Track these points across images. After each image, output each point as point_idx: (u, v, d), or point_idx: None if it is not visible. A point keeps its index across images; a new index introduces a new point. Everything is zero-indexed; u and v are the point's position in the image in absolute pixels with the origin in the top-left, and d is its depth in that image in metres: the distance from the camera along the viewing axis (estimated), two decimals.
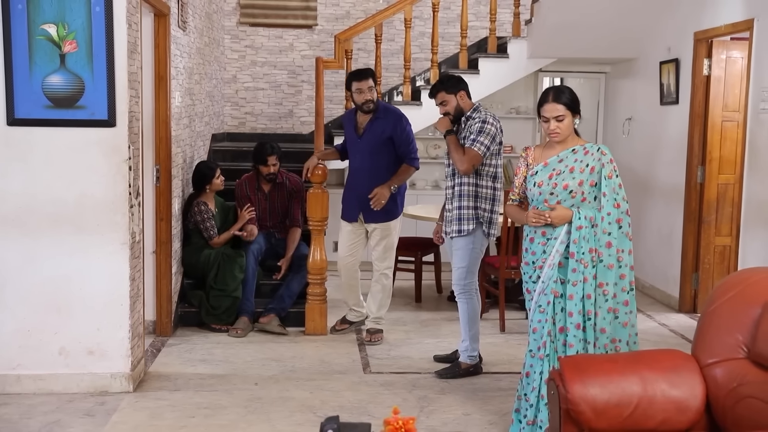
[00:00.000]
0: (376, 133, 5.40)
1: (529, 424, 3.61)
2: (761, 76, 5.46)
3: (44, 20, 4.22)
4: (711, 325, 2.91)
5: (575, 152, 3.64)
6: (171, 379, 4.69)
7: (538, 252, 3.67)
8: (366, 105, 5.37)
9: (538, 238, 3.66)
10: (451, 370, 4.84)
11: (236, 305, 5.72)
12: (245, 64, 8.52)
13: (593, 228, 3.53)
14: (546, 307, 3.59)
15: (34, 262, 4.35)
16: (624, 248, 3.56)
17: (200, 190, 5.94)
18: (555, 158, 3.64)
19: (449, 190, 4.82)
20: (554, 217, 3.55)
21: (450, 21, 8.56)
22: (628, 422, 2.76)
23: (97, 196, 4.34)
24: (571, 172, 3.59)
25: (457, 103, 4.80)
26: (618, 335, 3.58)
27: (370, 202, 5.36)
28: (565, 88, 3.79)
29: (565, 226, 3.56)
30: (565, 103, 3.62)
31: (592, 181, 3.58)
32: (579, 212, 3.54)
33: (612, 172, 3.57)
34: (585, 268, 3.53)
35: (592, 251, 3.53)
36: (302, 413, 4.21)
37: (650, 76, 7.14)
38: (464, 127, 4.79)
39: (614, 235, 3.54)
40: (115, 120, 4.30)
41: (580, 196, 3.58)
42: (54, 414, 4.11)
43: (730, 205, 6.41)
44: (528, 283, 3.73)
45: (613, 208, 3.55)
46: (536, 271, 3.67)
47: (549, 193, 3.61)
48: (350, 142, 5.58)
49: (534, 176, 3.67)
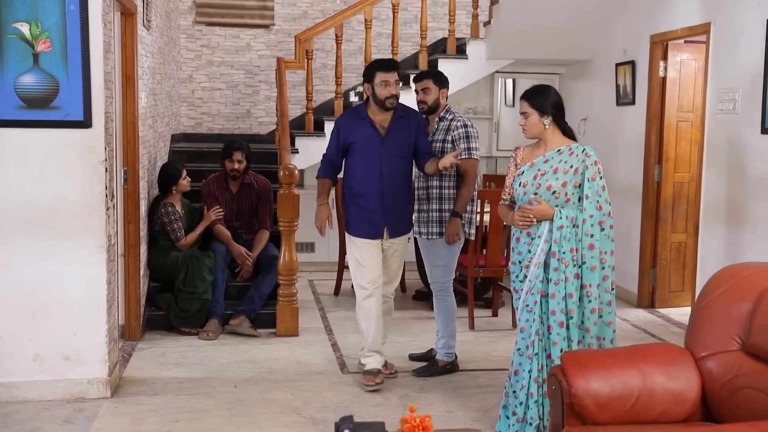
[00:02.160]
0: (404, 132, 4.68)
1: (519, 421, 3.67)
2: (718, 78, 5.66)
3: (16, 18, 4.11)
4: (704, 318, 3.02)
5: (561, 153, 3.69)
6: (147, 383, 4.62)
7: (524, 251, 3.73)
8: (390, 101, 4.60)
9: (524, 238, 3.73)
10: (429, 368, 4.88)
11: (206, 308, 5.67)
12: (201, 64, 8.43)
13: (574, 228, 3.59)
14: (533, 306, 3.65)
15: (6, 267, 4.23)
16: (606, 250, 3.63)
17: (166, 191, 5.86)
18: (541, 158, 3.71)
19: (422, 191, 4.84)
20: (536, 211, 3.62)
21: (407, 22, 8.62)
22: (630, 414, 2.85)
23: (72, 199, 4.25)
24: (554, 173, 3.65)
25: (438, 98, 4.88)
26: (603, 333, 3.67)
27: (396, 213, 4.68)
28: (541, 87, 3.84)
29: (546, 225, 3.62)
30: (530, 101, 3.71)
31: (576, 182, 3.63)
32: (560, 212, 3.60)
33: (596, 174, 3.62)
34: (566, 267, 3.60)
35: (573, 251, 3.59)
36: (287, 414, 4.20)
37: (606, 78, 7.31)
38: (437, 127, 4.85)
39: (597, 237, 3.60)
40: (91, 121, 4.22)
41: (564, 197, 3.63)
42: (32, 422, 4.02)
43: (685, 202, 6.62)
44: (515, 282, 3.79)
45: (596, 210, 3.61)
46: (523, 270, 3.73)
47: (533, 194, 3.66)
48: (366, 145, 4.65)
49: (520, 176, 3.74)
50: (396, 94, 4.60)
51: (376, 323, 4.69)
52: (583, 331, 3.64)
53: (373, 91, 4.62)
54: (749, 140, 5.32)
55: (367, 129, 4.64)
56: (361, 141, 4.65)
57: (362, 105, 4.74)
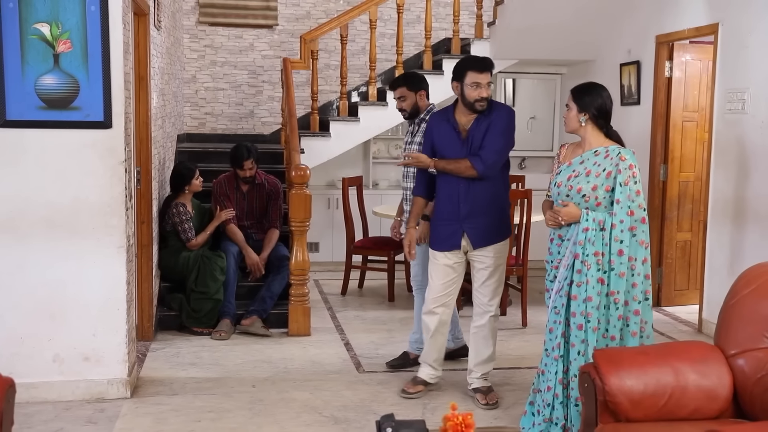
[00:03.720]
0: (481, 132, 4.26)
1: (545, 421, 3.70)
2: (727, 78, 5.71)
3: (37, 19, 4.10)
4: (734, 316, 3.05)
5: (597, 154, 3.63)
6: (165, 383, 4.63)
7: (554, 252, 3.74)
8: (480, 103, 4.21)
9: (556, 239, 3.73)
10: (400, 360, 5.01)
11: (218, 308, 5.67)
12: (205, 64, 8.42)
13: (601, 231, 3.52)
14: (560, 308, 3.65)
15: (26, 268, 4.23)
16: (637, 256, 3.54)
17: (179, 191, 5.86)
18: (578, 159, 3.68)
19: (409, 191, 4.84)
20: (563, 213, 3.61)
21: (409, 22, 8.63)
22: (663, 411, 2.88)
23: (92, 199, 4.25)
24: (587, 176, 3.60)
25: (415, 101, 4.91)
26: (628, 344, 3.57)
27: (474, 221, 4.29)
28: (590, 85, 3.76)
29: (575, 227, 3.60)
30: (574, 95, 3.71)
31: (608, 186, 3.56)
32: (587, 214, 3.56)
33: (629, 178, 3.53)
34: (588, 270, 3.54)
35: (598, 254, 3.52)
36: (308, 414, 4.22)
37: (609, 78, 7.34)
38: (419, 128, 4.86)
39: (626, 242, 3.51)
40: (111, 121, 4.22)
41: (594, 201, 3.57)
42: (54, 422, 4.02)
43: (690, 201, 6.68)
44: (547, 282, 3.81)
45: (627, 216, 3.51)
46: (553, 270, 3.75)
47: (565, 195, 3.64)
48: (446, 148, 4.32)
49: (558, 175, 3.72)
50: (487, 97, 4.22)
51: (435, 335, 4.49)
52: (607, 339, 3.57)
53: (462, 92, 4.24)
54: (758, 140, 5.38)
55: (449, 131, 4.32)
56: (443, 144, 4.34)
57: (452, 105, 4.39)
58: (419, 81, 4.95)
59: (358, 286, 7.24)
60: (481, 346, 4.44)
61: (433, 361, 4.56)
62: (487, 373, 4.49)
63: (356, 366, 5.03)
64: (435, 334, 4.48)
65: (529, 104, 8.84)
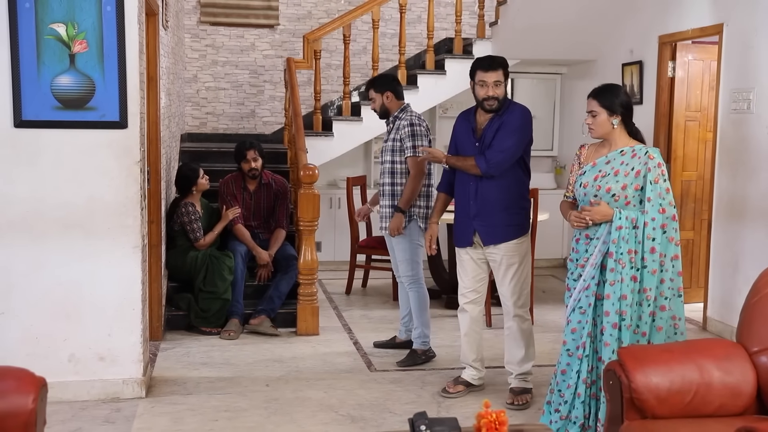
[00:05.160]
0: (492, 131, 4.30)
1: (562, 419, 3.72)
2: (732, 78, 5.77)
3: (53, 19, 4.10)
4: (756, 314, 3.09)
5: (623, 154, 3.65)
6: (179, 383, 4.64)
7: (581, 251, 3.73)
8: (488, 102, 4.24)
9: (583, 239, 3.72)
10: (410, 358, 5.04)
11: (226, 307, 5.68)
12: (206, 64, 8.41)
13: (634, 230, 3.53)
14: (587, 308, 3.66)
15: (42, 268, 4.23)
16: (667, 253, 3.56)
17: (186, 192, 5.86)
18: (603, 159, 3.69)
19: (387, 187, 5.04)
20: (594, 212, 3.59)
21: (410, 22, 8.64)
22: (688, 408, 2.92)
23: (107, 199, 4.25)
24: (615, 175, 3.61)
25: (382, 103, 5.11)
26: (654, 339, 3.61)
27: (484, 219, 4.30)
28: (611, 86, 3.79)
29: (605, 227, 3.60)
30: (599, 99, 3.71)
31: (637, 185, 3.58)
32: (620, 212, 3.56)
33: (659, 176, 3.55)
34: (623, 268, 3.55)
35: (631, 252, 3.53)
36: (325, 413, 4.23)
37: (611, 78, 7.36)
38: (392, 127, 5.07)
39: (658, 240, 3.53)
40: (127, 121, 4.23)
41: (623, 200, 3.58)
42: (72, 422, 4.02)
43: (692, 201, 6.74)
44: (569, 280, 3.82)
45: (658, 214, 3.53)
46: (577, 269, 3.74)
47: (593, 195, 3.64)
48: (462, 147, 4.40)
49: (582, 176, 3.73)
50: (494, 96, 4.22)
51: (469, 333, 4.49)
52: (638, 335, 3.59)
53: (473, 91, 4.33)
54: (764, 139, 5.43)
55: (467, 130, 4.38)
56: (461, 142, 4.41)
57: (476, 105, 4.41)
58: (384, 83, 5.17)
59: (362, 285, 7.25)
60: (512, 347, 4.43)
61: (472, 361, 4.52)
62: (523, 374, 4.43)
63: (367, 365, 5.05)
64: (469, 333, 4.48)
65: (528, 104, 8.55)
